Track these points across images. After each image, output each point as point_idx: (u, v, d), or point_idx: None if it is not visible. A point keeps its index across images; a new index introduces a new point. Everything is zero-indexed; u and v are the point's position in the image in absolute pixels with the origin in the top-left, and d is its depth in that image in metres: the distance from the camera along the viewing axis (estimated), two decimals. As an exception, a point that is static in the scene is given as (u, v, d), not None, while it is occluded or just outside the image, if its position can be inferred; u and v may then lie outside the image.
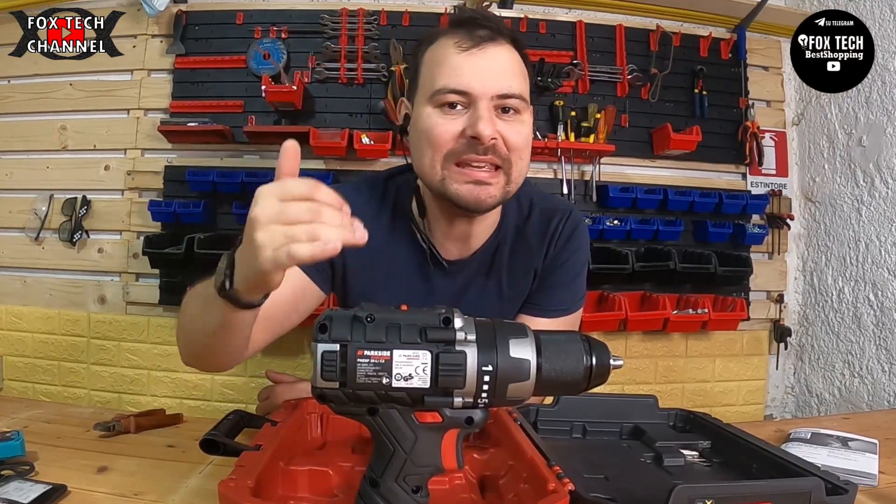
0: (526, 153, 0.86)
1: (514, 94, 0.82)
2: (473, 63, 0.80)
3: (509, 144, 0.82)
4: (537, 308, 0.98)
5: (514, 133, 0.83)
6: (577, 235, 0.98)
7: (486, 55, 0.81)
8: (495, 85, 0.80)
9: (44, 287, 1.90)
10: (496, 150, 0.81)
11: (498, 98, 0.81)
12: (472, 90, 0.79)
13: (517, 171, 0.85)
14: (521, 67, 0.86)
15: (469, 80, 0.80)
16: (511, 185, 0.85)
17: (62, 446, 0.82)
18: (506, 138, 0.82)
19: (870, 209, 1.79)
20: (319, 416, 0.76)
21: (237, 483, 0.51)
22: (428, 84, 0.83)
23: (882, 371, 1.71)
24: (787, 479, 0.60)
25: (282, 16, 1.88)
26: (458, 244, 0.94)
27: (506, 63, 0.82)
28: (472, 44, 0.80)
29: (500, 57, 0.82)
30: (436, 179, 0.84)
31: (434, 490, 0.54)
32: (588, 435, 0.81)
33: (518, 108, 0.84)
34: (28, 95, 1.90)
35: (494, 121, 0.80)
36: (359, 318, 0.48)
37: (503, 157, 0.82)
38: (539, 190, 1.04)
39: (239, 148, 1.87)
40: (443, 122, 0.81)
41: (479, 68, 0.80)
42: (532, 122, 0.89)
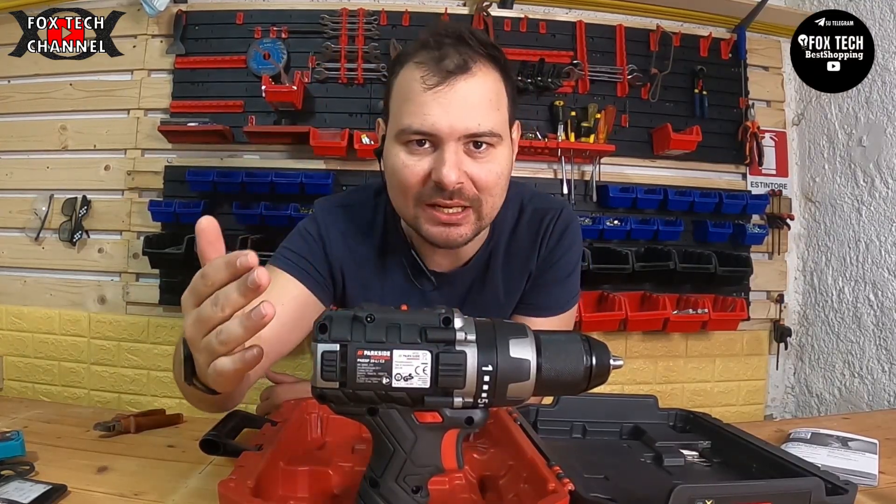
0: (498, 188, 0.81)
1: (485, 131, 0.76)
2: (439, 102, 0.74)
3: (478, 185, 0.78)
4: (531, 307, 0.98)
5: (485, 172, 0.78)
6: (569, 233, 0.97)
7: (455, 92, 0.74)
8: (462, 125, 0.75)
9: (44, 287, 1.90)
10: (462, 193, 0.77)
11: (466, 137, 0.76)
12: (437, 132, 0.75)
13: (488, 207, 0.81)
14: (497, 95, 0.79)
15: (434, 121, 0.74)
16: (484, 220, 0.82)
17: (62, 446, 0.82)
18: (474, 179, 0.77)
19: (870, 209, 1.79)
20: (319, 416, 0.76)
21: (237, 483, 0.51)
22: (395, 119, 0.79)
23: (882, 371, 1.71)
24: (786, 479, 0.60)
25: (282, 16, 1.89)
26: (449, 258, 0.93)
27: (476, 99, 0.76)
28: (437, 80, 0.74)
29: (468, 92, 0.75)
30: (409, 217, 0.82)
31: (434, 490, 0.54)
32: (588, 435, 0.81)
33: (491, 143, 0.78)
34: (28, 95, 1.91)
35: (461, 163, 0.76)
36: (359, 318, 0.48)
37: (471, 199, 0.78)
38: (531, 190, 1.02)
39: (239, 148, 1.87)
40: (410, 163, 0.77)
41: (445, 108, 0.74)
42: (511, 150, 0.83)
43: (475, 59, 0.76)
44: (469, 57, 0.76)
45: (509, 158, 0.82)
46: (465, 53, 0.76)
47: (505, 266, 0.96)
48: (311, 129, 1.74)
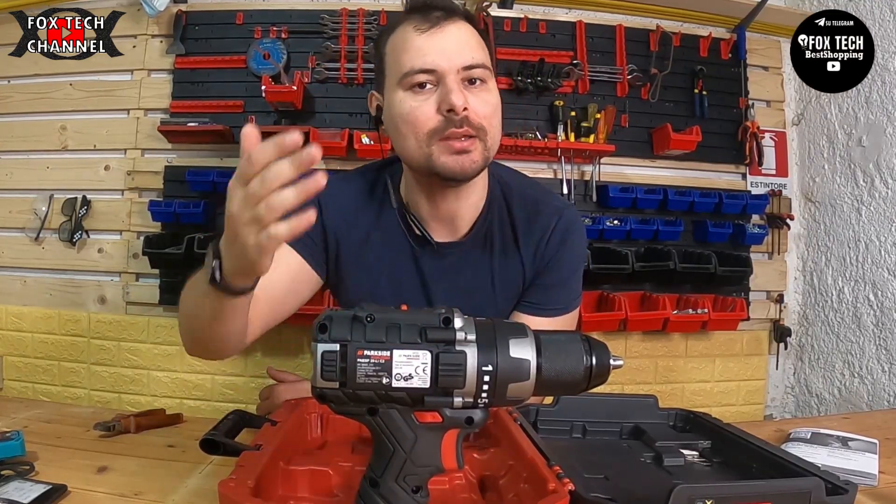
0: (496, 119, 0.88)
1: (478, 63, 0.85)
2: (435, 42, 0.84)
3: (479, 113, 0.85)
4: (534, 307, 0.98)
5: (482, 103, 0.85)
6: (573, 234, 0.99)
7: (446, 32, 0.84)
8: (459, 58, 0.83)
9: (44, 287, 1.90)
10: (469, 121, 0.84)
11: (463, 70, 0.84)
12: (438, 67, 0.83)
13: (491, 138, 0.87)
14: (480, 40, 0.88)
15: (434, 58, 0.83)
16: (489, 151, 0.88)
17: (62, 446, 0.82)
18: (475, 108, 0.84)
19: (870, 209, 1.79)
20: (319, 416, 0.76)
21: (237, 483, 0.51)
22: (395, 70, 0.86)
23: (882, 371, 1.71)
24: (786, 479, 0.60)
25: (282, 16, 1.88)
26: (445, 225, 0.95)
27: (465, 37, 0.86)
28: (429, 24, 0.84)
29: (458, 32, 0.85)
30: (423, 158, 0.86)
31: (434, 490, 0.54)
32: (588, 435, 0.81)
33: (483, 78, 0.86)
34: (28, 95, 1.90)
35: (464, 92, 0.84)
36: (359, 318, 0.48)
37: (477, 126, 0.85)
38: (535, 183, 1.05)
39: (239, 148, 1.87)
40: (417, 103, 0.84)
41: (441, 46, 0.83)
42: (496, 89, 0.90)
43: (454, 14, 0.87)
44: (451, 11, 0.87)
45: (498, 97, 0.89)
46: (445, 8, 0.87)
47: (501, 246, 0.97)
48: (311, 129, 1.74)
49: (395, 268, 0.97)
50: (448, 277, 0.97)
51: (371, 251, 0.97)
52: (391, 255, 0.97)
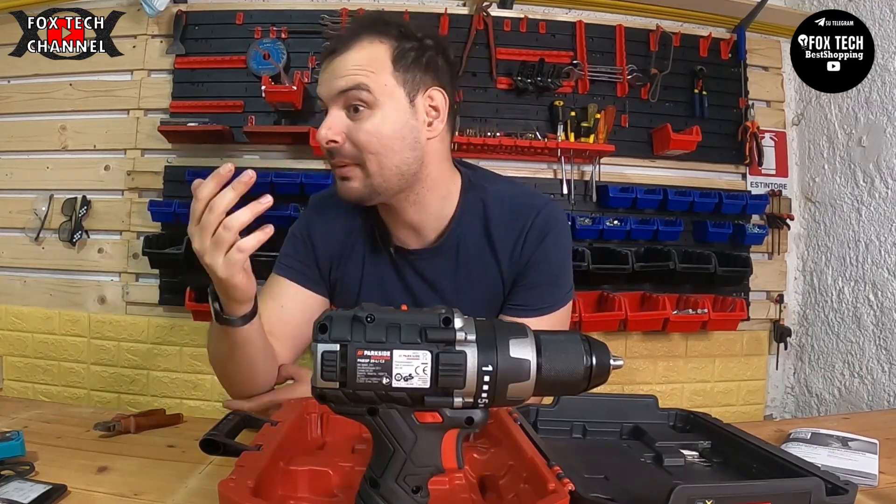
0: (380, 149, 0.85)
1: (351, 85, 0.84)
2: (322, 74, 0.88)
3: (356, 143, 0.85)
4: (521, 308, 0.97)
5: (361, 133, 0.85)
6: (551, 233, 0.96)
7: (331, 65, 0.86)
8: (333, 86, 0.85)
9: (44, 287, 1.90)
10: (340, 152, 0.86)
11: (338, 96, 0.85)
12: (321, 96, 0.88)
13: (374, 165, 0.86)
14: (370, 61, 0.85)
15: (320, 89, 0.88)
16: (375, 178, 0.87)
17: (62, 446, 0.82)
18: (351, 138, 0.85)
19: (870, 209, 1.79)
20: (320, 416, 0.76)
21: (237, 483, 0.51)
22: None
23: (882, 371, 1.71)
24: (786, 479, 0.60)
25: (282, 16, 1.89)
26: (410, 233, 0.96)
27: (345, 66, 0.85)
28: (325, 55, 0.88)
29: (340, 63, 0.85)
30: None
31: (434, 490, 0.54)
32: (588, 435, 0.81)
33: (365, 102, 0.84)
34: (28, 95, 1.91)
35: (337, 124, 0.85)
36: (359, 318, 0.48)
37: (351, 156, 0.86)
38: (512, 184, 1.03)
39: (239, 148, 1.87)
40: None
41: (323, 78, 0.88)
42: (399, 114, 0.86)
43: (356, 37, 0.86)
44: (346, 38, 0.87)
45: (394, 120, 0.86)
46: (343, 37, 0.88)
47: (477, 253, 0.96)
48: (311, 129, 1.74)
49: (380, 276, 0.99)
50: (426, 282, 0.98)
51: (358, 262, 1.00)
52: (375, 264, 0.99)
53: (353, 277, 1.00)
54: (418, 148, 0.88)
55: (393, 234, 0.97)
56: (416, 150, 0.88)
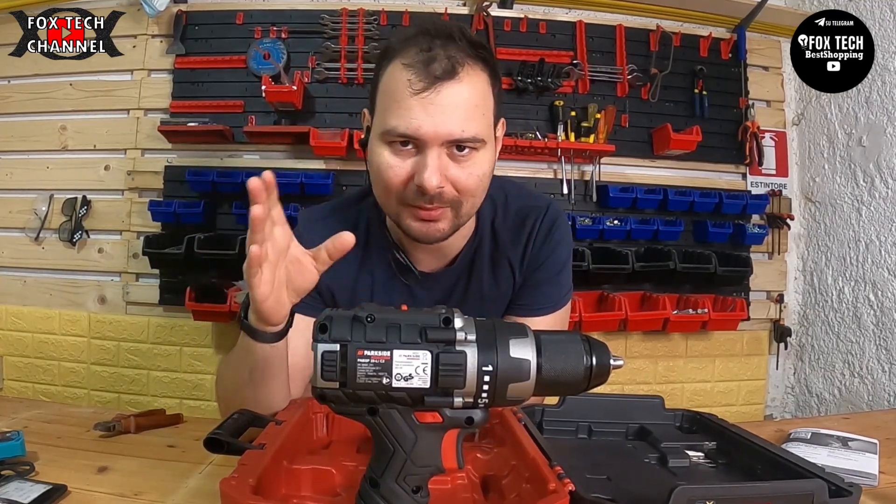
0: (479, 190, 0.82)
1: (468, 138, 0.77)
2: (425, 107, 0.75)
3: (459, 187, 0.79)
4: (524, 307, 0.97)
5: (465, 176, 0.79)
6: (556, 231, 0.96)
7: (440, 98, 0.75)
8: (445, 130, 0.76)
9: (44, 287, 1.90)
10: (442, 198, 0.79)
11: (449, 143, 0.77)
12: (421, 136, 0.76)
13: (468, 207, 0.83)
14: (483, 99, 0.79)
15: (418, 125, 0.75)
16: (462, 219, 0.84)
17: (62, 446, 0.82)
18: (455, 182, 0.79)
19: (870, 209, 1.79)
20: (325, 415, 0.76)
21: (238, 481, 0.51)
22: (380, 118, 0.80)
23: (882, 371, 1.71)
24: (788, 480, 0.60)
25: (282, 16, 1.89)
26: (433, 256, 0.94)
27: (461, 104, 0.76)
28: (424, 85, 0.75)
29: (454, 98, 0.76)
30: (392, 213, 0.85)
31: (435, 490, 0.54)
32: (594, 435, 0.80)
33: (474, 147, 0.79)
34: (28, 95, 1.91)
35: (443, 167, 0.77)
36: (359, 318, 0.48)
37: (451, 201, 0.80)
38: (515, 187, 1.02)
39: (239, 148, 1.87)
40: (394, 163, 0.79)
41: (430, 114, 0.75)
42: (494, 151, 0.84)
43: (463, 63, 0.76)
44: (457, 61, 0.76)
45: (491, 160, 0.83)
46: (454, 57, 0.76)
47: (490, 264, 0.96)
48: (311, 129, 1.74)
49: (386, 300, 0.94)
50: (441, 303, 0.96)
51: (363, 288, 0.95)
52: (383, 290, 0.95)
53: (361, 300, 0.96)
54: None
55: (412, 258, 0.93)
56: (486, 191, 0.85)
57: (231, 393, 0.80)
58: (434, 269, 0.95)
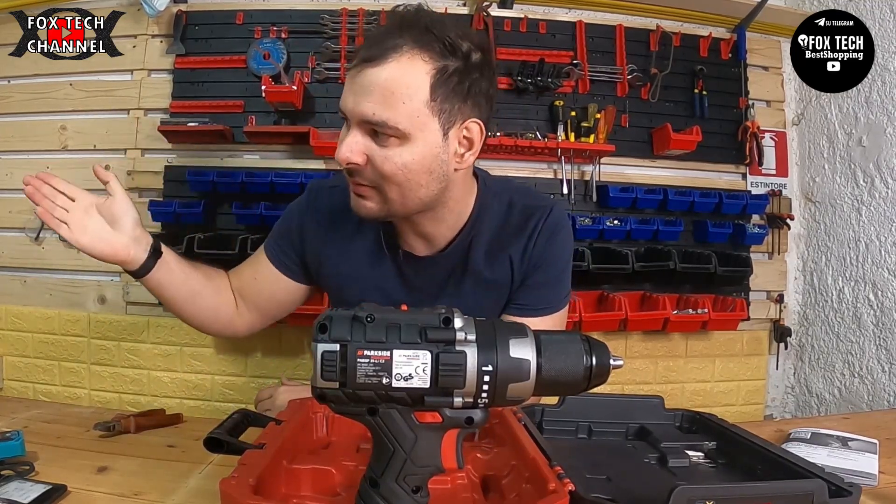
0: (401, 179, 0.80)
1: (377, 121, 0.76)
2: (349, 84, 0.79)
3: (380, 172, 0.80)
4: (524, 308, 0.98)
5: (381, 160, 0.79)
6: (560, 233, 0.97)
7: (359, 77, 0.77)
8: (358, 108, 0.77)
9: (44, 287, 1.90)
10: (361, 174, 0.81)
11: (363, 123, 0.78)
12: (344, 112, 0.80)
13: (395, 194, 0.82)
14: (407, 88, 0.76)
15: (343, 101, 0.80)
16: (394, 205, 0.83)
17: (62, 446, 0.82)
18: (373, 163, 0.80)
19: (870, 209, 1.79)
20: (325, 415, 0.76)
21: (238, 481, 0.51)
22: None
23: (882, 371, 1.71)
24: (788, 480, 0.60)
25: (282, 16, 1.88)
26: (422, 242, 0.96)
27: (376, 87, 0.76)
28: (354, 63, 0.78)
29: (373, 80, 0.76)
30: None
31: (436, 490, 0.54)
32: (594, 435, 0.81)
33: (391, 134, 0.77)
34: (28, 95, 1.90)
35: (356, 144, 0.79)
36: (359, 318, 0.48)
37: (370, 180, 0.81)
38: (518, 186, 1.04)
39: (239, 148, 1.87)
40: (339, 139, 0.83)
41: (350, 90, 0.78)
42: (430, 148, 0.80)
43: (401, 51, 0.76)
44: (395, 48, 0.76)
45: (421, 154, 0.80)
46: (397, 44, 0.76)
47: (486, 256, 0.96)
48: (311, 129, 1.74)
49: (381, 278, 0.98)
50: (432, 286, 0.97)
51: (354, 262, 0.98)
52: (375, 265, 0.98)
53: (351, 278, 0.99)
54: (445, 180, 0.84)
55: (402, 239, 0.96)
56: (443, 182, 0.84)
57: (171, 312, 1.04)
58: (425, 254, 0.96)
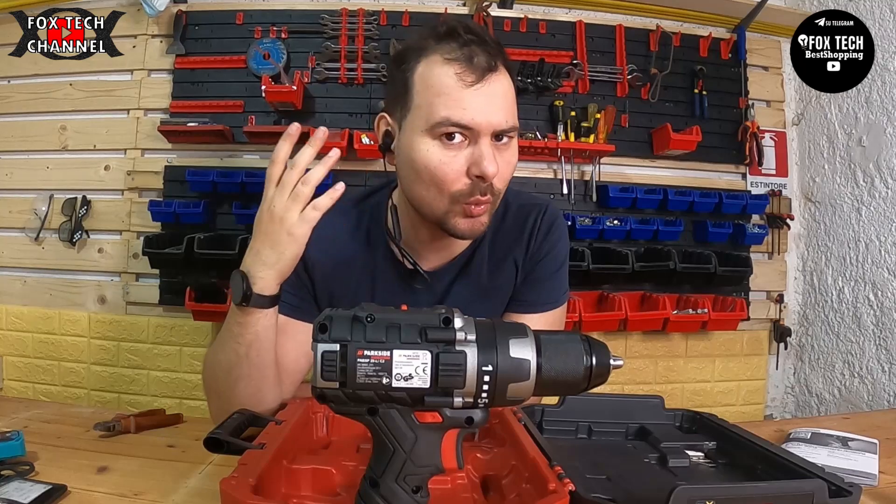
0: (510, 179, 0.87)
1: (510, 127, 0.81)
2: (478, 98, 0.78)
3: (502, 177, 0.83)
4: (524, 304, 0.99)
5: (506, 165, 0.83)
6: (556, 228, 0.99)
7: (490, 88, 0.79)
8: (496, 119, 0.79)
9: (44, 287, 1.90)
10: (492, 188, 0.82)
11: (497, 132, 0.81)
12: (475, 125, 0.78)
13: (499, 198, 0.87)
14: (513, 92, 0.84)
15: (473, 116, 0.78)
16: (495, 208, 0.88)
17: (62, 446, 0.82)
18: (501, 172, 0.82)
19: (870, 209, 1.79)
20: (325, 415, 0.76)
21: (239, 481, 0.51)
22: (426, 112, 0.80)
23: (882, 371, 1.71)
24: (788, 480, 0.60)
25: (282, 16, 1.89)
26: (439, 254, 0.95)
27: (505, 94, 0.82)
28: (474, 78, 0.78)
29: (499, 89, 0.80)
30: (439, 212, 0.84)
31: (436, 490, 0.54)
32: (594, 435, 0.80)
33: (511, 136, 0.84)
34: (28, 95, 1.91)
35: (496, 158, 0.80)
36: (359, 318, 0.48)
37: (496, 193, 0.84)
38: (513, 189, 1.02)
39: (239, 148, 1.87)
40: (447, 159, 0.79)
41: (483, 104, 0.79)
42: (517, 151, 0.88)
43: (496, 59, 0.81)
44: (491, 54, 0.80)
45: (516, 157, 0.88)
46: (488, 52, 0.80)
47: (489, 259, 0.97)
48: (311, 129, 1.72)
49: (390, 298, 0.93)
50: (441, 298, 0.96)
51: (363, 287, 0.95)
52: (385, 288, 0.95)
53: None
54: None
55: (417, 257, 0.93)
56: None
57: (224, 373, 0.79)
58: (435, 267, 0.95)
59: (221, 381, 0.80)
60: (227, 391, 0.80)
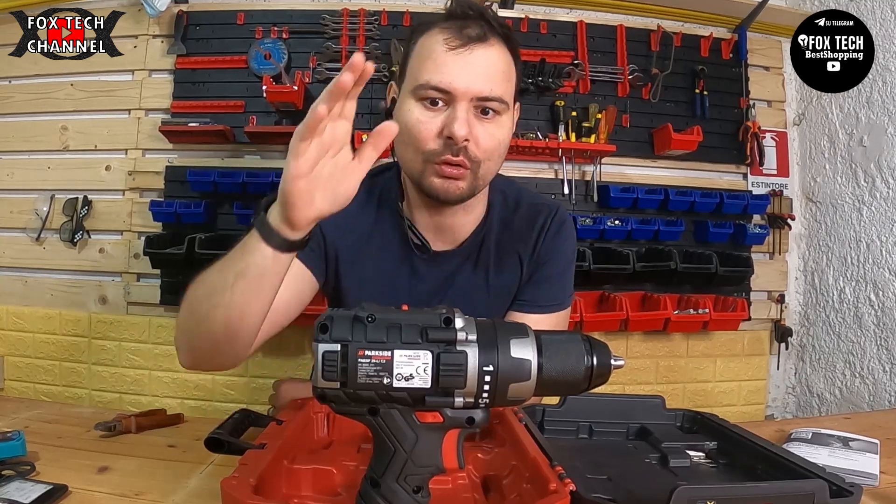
0: (497, 154, 0.88)
1: (494, 97, 0.83)
2: (458, 63, 0.82)
3: (481, 146, 0.84)
4: (528, 304, 0.99)
5: (488, 136, 0.84)
6: (565, 230, 1.02)
7: (472, 56, 0.82)
8: (475, 86, 0.82)
9: (45, 287, 1.90)
10: (467, 152, 0.84)
11: (478, 100, 0.83)
12: (453, 89, 0.81)
13: (485, 170, 0.87)
14: (508, 68, 0.86)
15: (451, 79, 0.81)
16: (479, 181, 0.88)
17: (63, 446, 0.82)
18: (478, 141, 0.84)
19: (871, 209, 1.79)
20: (326, 415, 0.76)
21: (239, 481, 0.51)
22: (413, 75, 0.85)
23: (883, 371, 1.71)
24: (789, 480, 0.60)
25: (283, 16, 1.88)
26: (444, 235, 0.96)
27: (490, 65, 0.83)
28: (459, 43, 0.82)
29: (485, 58, 0.83)
30: (415, 172, 0.87)
31: (436, 490, 0.54)
32: (594, 435, 0.81)
33: (498, 111, 0.85)
34: (29, 95, 1.91)
35: (470, 122, 0.82)
36: (360, 318, 0.48)
37: (473, 159, 0.85)
38: (525, 188, 1.08)
39: (240, 148, 1.87)
40: (424, 119, 0.83)
41: (462, 68, 0.82)
42: (512, 123, 0.90)
43: (493, 34, 0.84)
44: (488, 30, 0.84)
45: (510, 128, 0.89)
46: (485, 27, 0.84)
47: (497, 251, 0.98)
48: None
49: (393, 274, 0.97)
50: (445, 284, 0.98)
51: (368, 258, 0.97)
52: (388, 262, 0.97)
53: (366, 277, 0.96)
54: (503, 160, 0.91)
55: (424, 235, 0.95)
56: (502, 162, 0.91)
57: (201, 299, 0.70)
58: (441, 250, 0.97)
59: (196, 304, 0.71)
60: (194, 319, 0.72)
